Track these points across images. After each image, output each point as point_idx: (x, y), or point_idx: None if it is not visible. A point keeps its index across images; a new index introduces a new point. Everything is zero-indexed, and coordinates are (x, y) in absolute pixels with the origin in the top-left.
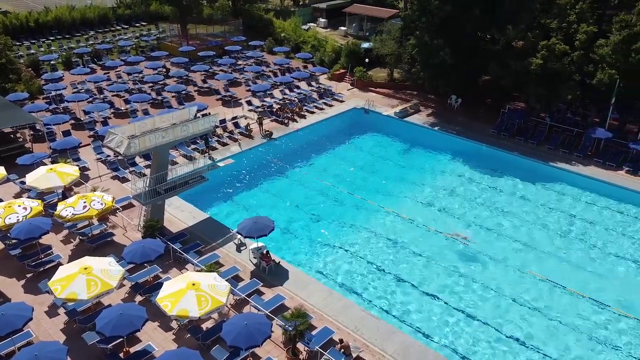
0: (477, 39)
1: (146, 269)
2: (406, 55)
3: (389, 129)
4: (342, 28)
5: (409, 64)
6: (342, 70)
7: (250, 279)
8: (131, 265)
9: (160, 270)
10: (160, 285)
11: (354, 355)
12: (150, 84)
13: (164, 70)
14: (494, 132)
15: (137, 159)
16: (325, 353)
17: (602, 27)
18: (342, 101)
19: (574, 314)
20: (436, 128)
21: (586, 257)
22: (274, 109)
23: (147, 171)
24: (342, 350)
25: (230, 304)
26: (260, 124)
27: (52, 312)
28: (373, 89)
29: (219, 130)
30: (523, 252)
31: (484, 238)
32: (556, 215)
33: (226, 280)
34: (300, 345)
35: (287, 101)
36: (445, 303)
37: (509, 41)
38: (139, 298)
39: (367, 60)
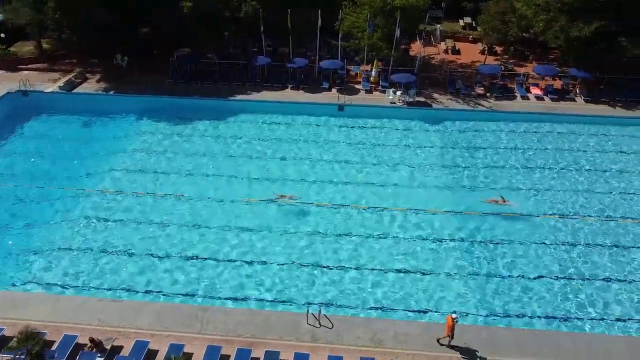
0: None
1: None
2: (50, 21)
3: (59, 105)
4: None
5: (57, 30)
6: None
7: None
8: None
9: None
10: None
11: (109, 346)
12: None
13: None
14: (170, 82)
15: None
16: None
17: None
18: None
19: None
20: (111, 92)
21: (288, 167)
22: None
23: None
24: (94, 348)
25: None
26: None
27: None
28: (24, 66)
29: None
30: (233, 184)
31: (200, 183)
32: (253, 144)
33: None
34: None
35: None
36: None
37: None
38: None
39: (2, 35)
